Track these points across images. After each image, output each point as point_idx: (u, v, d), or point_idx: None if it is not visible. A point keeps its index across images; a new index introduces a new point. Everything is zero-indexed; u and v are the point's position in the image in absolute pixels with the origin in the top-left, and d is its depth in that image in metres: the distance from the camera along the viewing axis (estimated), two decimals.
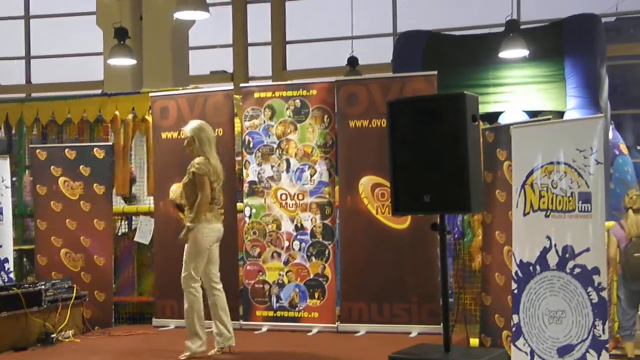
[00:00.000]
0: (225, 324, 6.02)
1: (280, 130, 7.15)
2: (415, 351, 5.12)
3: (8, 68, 17.70)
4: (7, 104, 8.93)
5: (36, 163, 7.86)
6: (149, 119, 8.02)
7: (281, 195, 7.11)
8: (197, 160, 5.93)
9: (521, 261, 5.47)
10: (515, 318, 5.49)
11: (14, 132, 8.99)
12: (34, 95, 15.72)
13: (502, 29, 10.55)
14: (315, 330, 6.88)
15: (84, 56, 17.16)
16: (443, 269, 5.06)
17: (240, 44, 15.84)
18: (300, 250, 7.03)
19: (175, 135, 7.35)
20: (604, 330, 4.90)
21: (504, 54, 10.05)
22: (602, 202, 4.99)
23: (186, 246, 5.92)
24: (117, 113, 8.34)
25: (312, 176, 7.03)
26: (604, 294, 4.91)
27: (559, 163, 5.23)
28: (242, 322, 7.08)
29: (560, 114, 9.42)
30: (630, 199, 6.86)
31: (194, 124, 6.08)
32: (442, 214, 4.91)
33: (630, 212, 6.77)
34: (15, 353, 6.31)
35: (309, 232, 7.01)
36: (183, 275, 5.93)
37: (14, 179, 8.60)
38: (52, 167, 7.69)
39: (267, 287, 7.09)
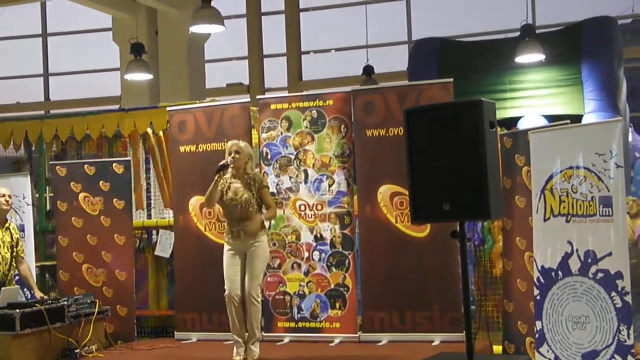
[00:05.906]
0: None
1: (297, 141, 7.16)
2: None
3: (27, 85, 17.93)
4: (27, 122, 8.95)
5: (56, 179, 7.91)
6: (160, 133, 8.08)
7: (300, 206, 7.11)
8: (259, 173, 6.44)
9: (543, 267, 5.44)
10: (539, 324, 5.45)
11: (33, 149, 9.05)
12: (52, 112, 15.89)
13: (517, 34, 10.53)
14: (337, 341, 6.86)
15: (101, 72, 17.35)
16: (464, 276, 5.04)
17: (256, 56, 15.89)
18: (320, 260, 7.02)
19: (194, 148, 7.37)
20: (629, 335, 4.85)
21: (520, 59, 10.02)
22: (623, 205, 4.96)
23: (258, 257, 6.06)
24: (135, 128, 8.40)
25: (330, 186, 7.03)
26: (628, 299, 4.86)
27: (578, 167, 5.20)
28: (263, 334, 7.05)
29: (578, 118, 9.36)
30: (626, 205, 6.82)
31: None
32: (461, 221, 4.89)
33: (627, 217, 6.74)
34: None
35: (328, 242, 7.00)
36: (256, 283, 6.06)
37: (37, 195, 8.66)
38: (72, 183, 7.71)
39: (288, 298, 7.09)
